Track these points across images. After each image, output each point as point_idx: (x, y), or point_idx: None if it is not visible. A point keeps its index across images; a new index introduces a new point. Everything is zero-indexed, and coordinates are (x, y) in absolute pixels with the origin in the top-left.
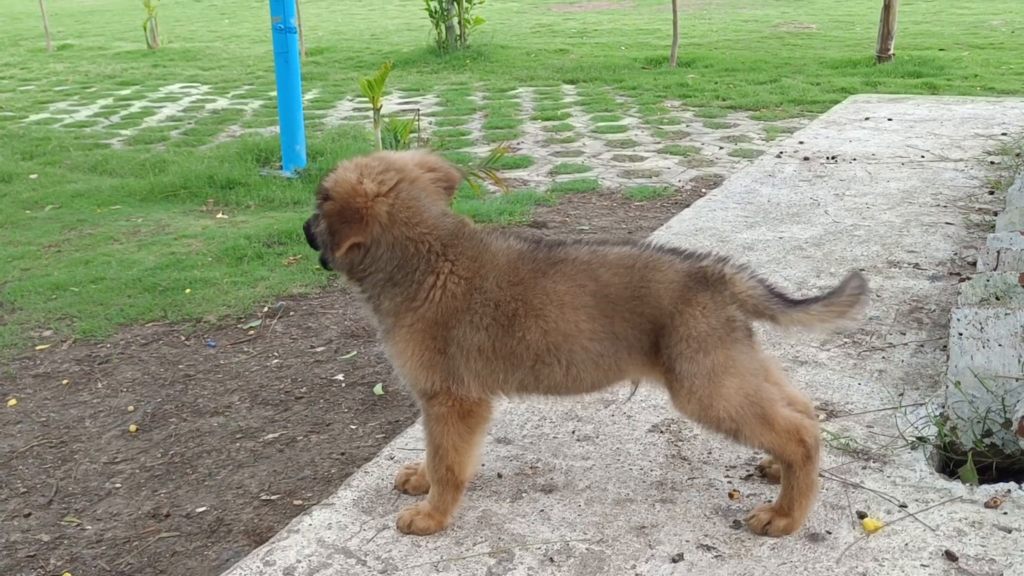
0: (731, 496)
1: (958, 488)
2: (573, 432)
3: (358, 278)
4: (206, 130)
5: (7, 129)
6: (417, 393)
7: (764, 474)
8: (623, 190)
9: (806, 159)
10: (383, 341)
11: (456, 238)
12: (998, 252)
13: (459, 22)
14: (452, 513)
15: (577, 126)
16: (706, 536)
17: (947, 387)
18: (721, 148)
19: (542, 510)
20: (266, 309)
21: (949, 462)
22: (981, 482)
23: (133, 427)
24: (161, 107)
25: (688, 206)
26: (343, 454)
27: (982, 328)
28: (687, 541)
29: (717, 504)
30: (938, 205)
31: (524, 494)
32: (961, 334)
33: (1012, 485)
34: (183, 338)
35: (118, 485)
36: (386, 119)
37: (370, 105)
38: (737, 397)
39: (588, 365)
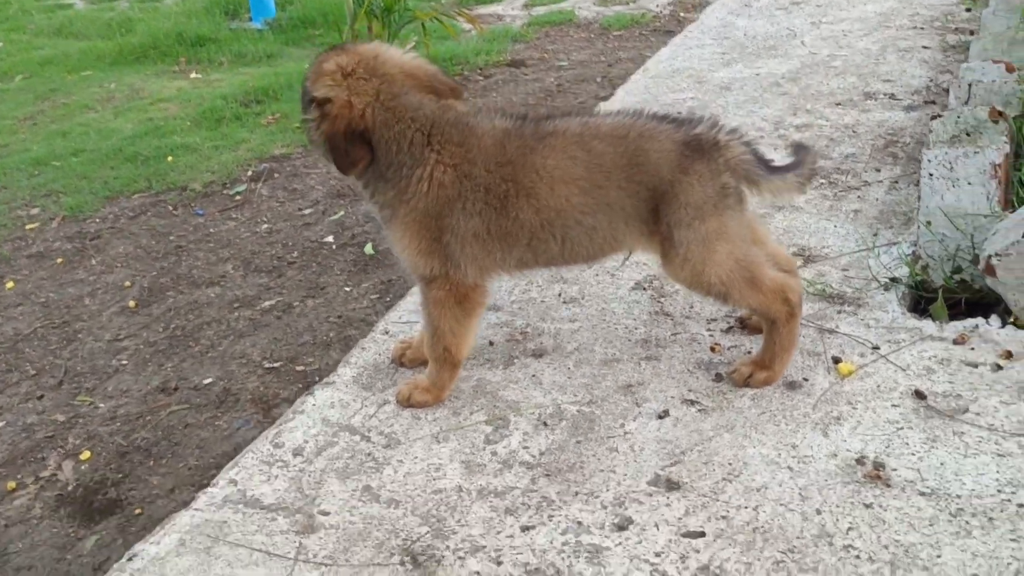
0: (713, 350)
1: (928, 326)
2: (559, 295)
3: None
4: None
5: None
6: (416, 278)
7: (744, 326)
8: (600, 20)
9: None
10: (383, 229)
11: (439, 125)
12: (969, 85)
13: None
14: (449, 388)
15: None
16: (690, 391)
17: (919, 227)
18: None
19: (533, 375)
20: (250, 173)
21: (921, 300)
22: (951, 318)
23: (132, 303)
24: None
25: (667, 34)
26: (340, 317)
27: (952, 168)
28: (672, 397)
29: (699, 358)
30: (915, 27)
31: (516, 360)
32: (931, 174)
33: (979, 320)
34: (171, 208)
35: (124, 362)
36: None
37: None
38: (728, 262)
39: (583, 238)
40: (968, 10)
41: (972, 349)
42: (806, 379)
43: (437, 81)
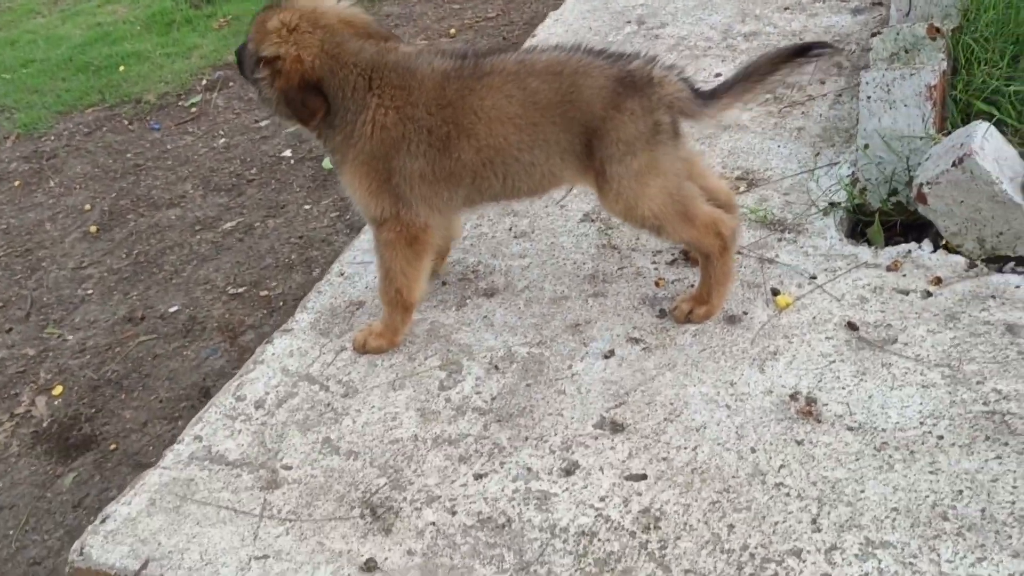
0: (657, 284)
1: (864, 253)
2: (510, 229)
3: (303, 123)
4: None
5: None
6: (368, 220)
7: (687, 258)
8: None
9: None
10: (336, 173)
11: (379, 69)
12: None
13: None
14: (403, 332)
15: None
16: (635, 328)
17: (857, 150)
18: None
19: (485, 316)
20: (204, 82)
21: (859, 224)
22: (888, 241)
23: (93, 228)
24: None
25: None
26: (301, 238)
27: (889, 90)
28: (618, 336)
29: (644, 294)
30: None
31: (468, 300)
32: (869, 97)
33: (912, 245)
34: (126, 122)
35: (90, 291)
36: None
37: None
38: (660, 196)
39: (522, 174)
40: None
41: (904, 276)
42: (746, 312)
43: (372, 29)
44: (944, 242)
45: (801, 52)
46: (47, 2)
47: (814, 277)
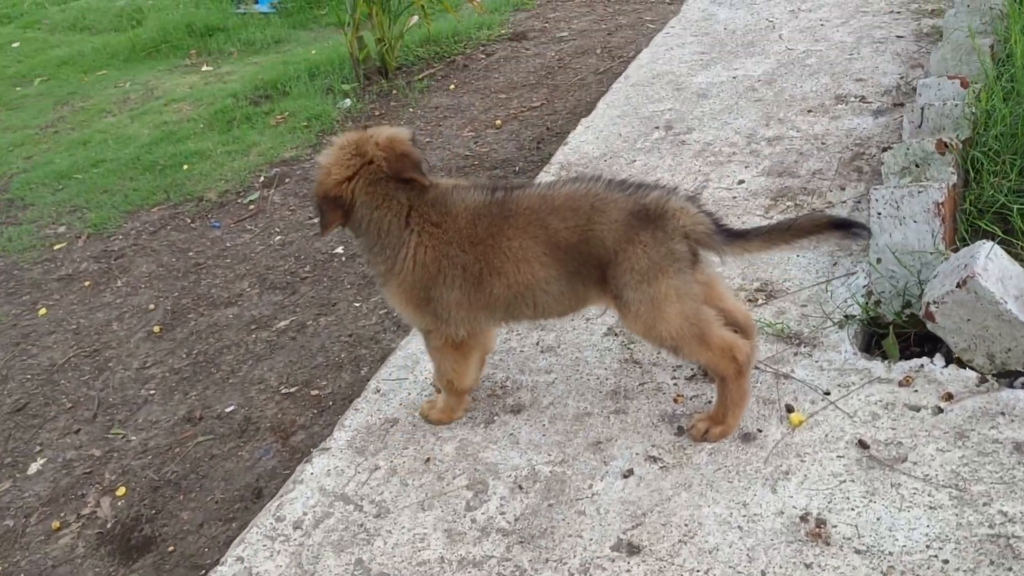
0: (676, 400)
1: (877, 367)
2: (537, 343)
3: (355, 235)
4: None
5: None
6: (415, 328)
7: (706, 374)
8: None
9: None
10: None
11: (417, 208)
12: (923, 109)
13: None
14: (460, 411)
15: None
16: (653, 446)
17: (869, 264)
18: None
19: (511, 434)
20: (262, 179)
21: (874, 336)
22: (902, 352)
23: (157, 327)
24: None
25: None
26: (351, 336)
27: (898, 207)
28: (637, 454)
29: (663, 410)
30: (891, 12)
31: (496, 417)
32: (879, 213)
33: (925, 360)
34: (188, 220)
35: (152, 391)
36: None
37: None
38: (677, 320)
39: (551, 303)
40: None
41: (916, 391)
42: (760, 430)
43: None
44: (956, 356)
45: (841, 227)
46: (117, 101)
47: (827, 393)
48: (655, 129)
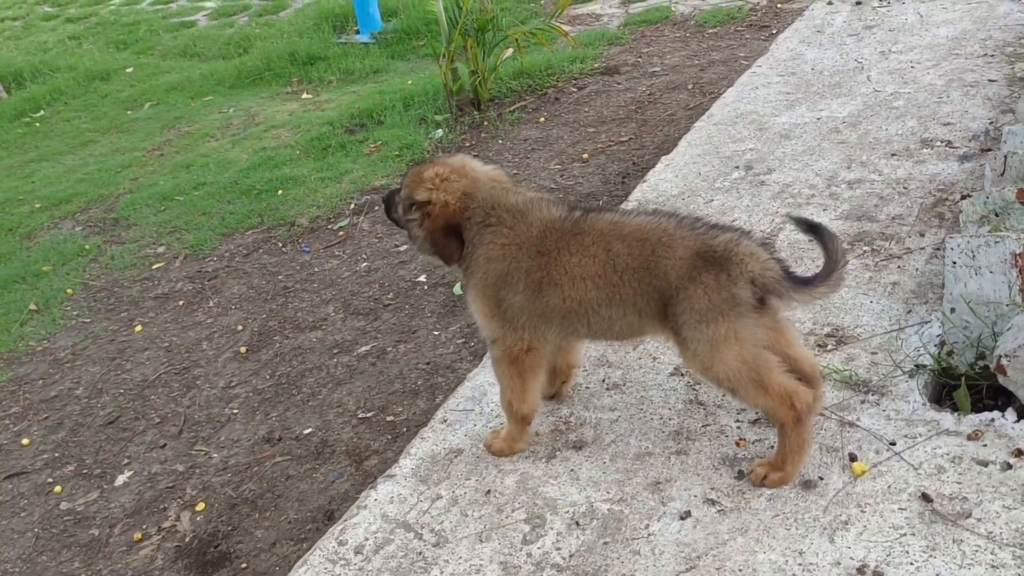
0: (738, 444)
1: (946, 419)
2: (603, 380)
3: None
4: None
5: (99, 16)
6: (484, 337)
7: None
8: (697, 16)
9: (858, 3)
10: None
11: (497, 208)
12: (1005, 157)
13: None
14: (521, 442)
15: None
16: (712, 489)
17: (943, 314)
18: None
19: (572, 470)
20: (352, 206)
21: (945, 386)
22: (974, 405)
23: (243, 348)
24: None
25: (761, 29)
26: (428, 364)
27: (974, 256)
28: (695, 496)
29: (725, 453)
30: (985, 55)
31: (558, 452)
32: (955, 262)
33: (996, 414)
34: (280, 245)
35: (236, 411)
36: None
37: None
38: (735, 363)
39: (603, 324)
40: None
41: (984, 446)
42: (821, 478)
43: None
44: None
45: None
46: (220, 126)
47: (893, 443)
48: (735, 169)
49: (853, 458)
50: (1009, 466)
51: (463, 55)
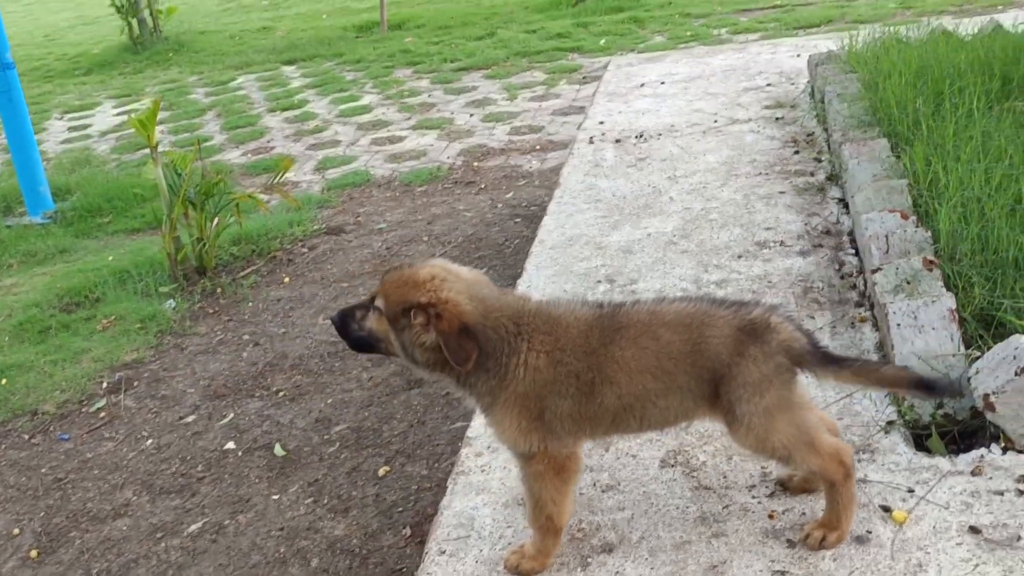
0: (771, 517)
1: (942, 463)
2: (594, 484)
3: (448, 371)
4: None
5: None
6: (516, 455)
7: (784, 488)
8: (398, 177)
9: (617, 141)
10: (483, 415)
11: (524, 316)
12: (887, 236)
13: (151, 14)
14: (553, 554)
15: (320, 112)
16: (772, 561)
17: None
18: (472, 115)
19: (616, 572)
20: (105, 385)
21: (918, 437)
22: (949, 450)
23: (34, 552)
24: None
25: (468, 185)
26: (281, 529)
27: (915, 317)
28: (760, 571)
29: (763, 527)
30: (760, 174)
31: (589, 559)
32: (899, 324)
33: (983, 451)
34: (27, 437)
35: None
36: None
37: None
38: (788, 429)
39: (658, 415)
40: (796, 152)
41: (991, 478)
42: (869, 532)
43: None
44: (1004, 443)
45: (926, 388)
46: None
47: (911, 490)
48: (598, 283)
49: (886, 509)
50: (1021, 492)
51: (184, 221)
